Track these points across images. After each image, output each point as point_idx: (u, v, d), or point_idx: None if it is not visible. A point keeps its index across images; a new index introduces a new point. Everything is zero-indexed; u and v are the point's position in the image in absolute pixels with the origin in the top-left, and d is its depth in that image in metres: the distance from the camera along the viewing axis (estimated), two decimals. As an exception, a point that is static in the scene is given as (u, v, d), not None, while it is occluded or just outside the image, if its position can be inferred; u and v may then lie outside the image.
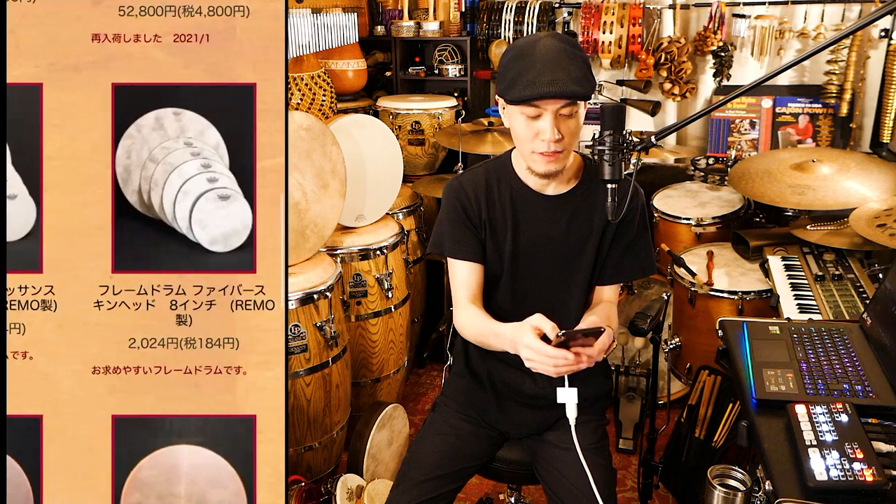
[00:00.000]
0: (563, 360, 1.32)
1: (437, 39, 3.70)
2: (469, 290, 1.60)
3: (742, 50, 3.18)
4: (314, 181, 2.35)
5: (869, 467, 1.06)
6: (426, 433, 1.68)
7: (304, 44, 2.71)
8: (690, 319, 2.52)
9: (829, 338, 1.50)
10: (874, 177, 2.37)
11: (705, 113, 2.07)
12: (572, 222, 1.58)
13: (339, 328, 2.32)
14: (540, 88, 1.37)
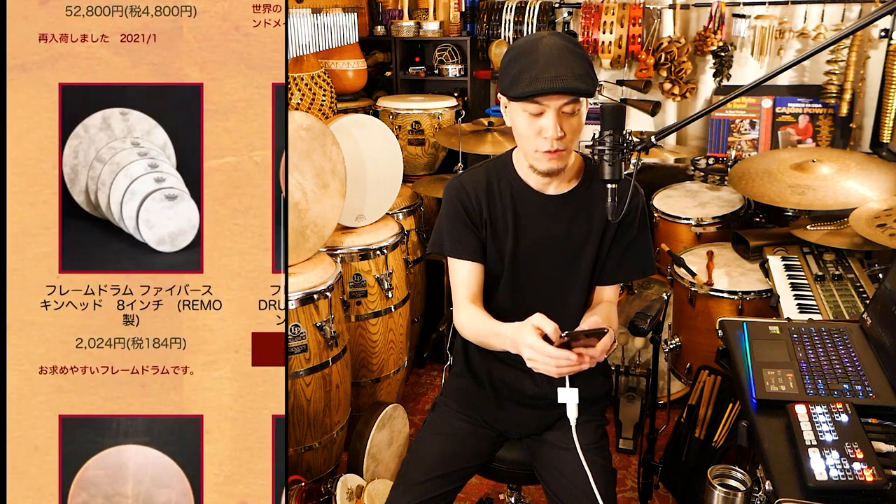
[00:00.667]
0: (566, 361, 1.32)
1: (437, 39, 3.70)
2: (469, 289, 1.60)
3: (742, 50, 3.18)
4: (314, 181, 2.35)
5: (869, 467, 1.06)
6: (426, 433, 1.68)
7: (304, 44, 2.71)
8: (690, 319, 2.52)
9: (829, 338, 1.50)
10: (874, 177, 2.37)
11: (705, 113, 2.07)
12: (573, 222, 1.58)
13: (339, 328, 2.32)
14: (543, 84, 1.37)
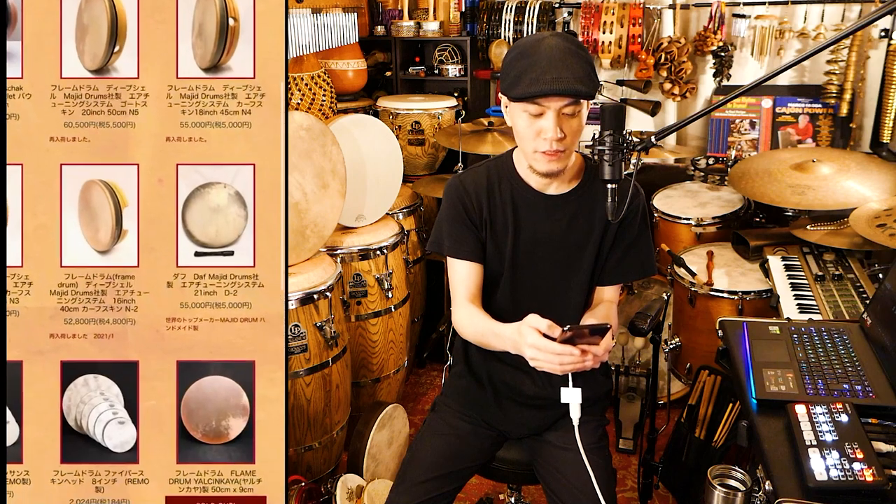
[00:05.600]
0: (570, 357, 1.32)
1: (437, 39, 3.71)
2: (468, 289, 1.60)
3: (742, 50, 3.18)
4: (314, 181, 2.35)
5: (869, 467, 1.06)
6: (426, 433, 1.68)
7: (304, 44, 2.71)
8: (690, 319, 2.52)
9: (829, 338, 1.50)
10: (874, 177, 2.37)
11: (705, 113, 2.07)
12: (573, 222, 1.58)
13: (339, 328, 2.32)
14: (544, 86, 1.37)
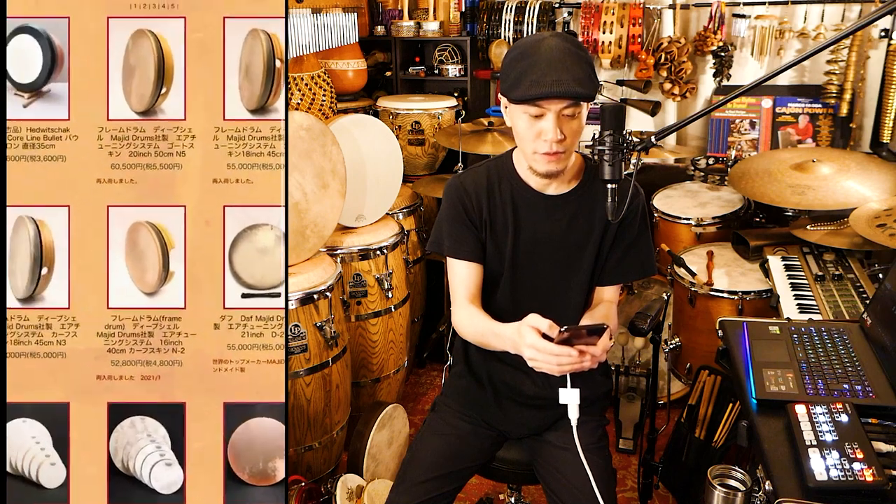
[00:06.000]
0: (568, 358, 1.32)
1: (437, 39, 3.70)
2: (468, 289, 1.60)
3: (742, 50, 3.18)
4: (314, 181, 2.35)
5: (869, 467, 1.06)
6: (426, 433, 1.68)
7: (304, 44, 2.71)
8: (690, 319, 2.52)
9: (829, 338, 1.50)
10: (874, 177, 2.37)
11: (705, 113, 2.07)
12: (573, 222, 1.58)
13: (339, 328, 2.32)
14: (543, 88, 1.37)
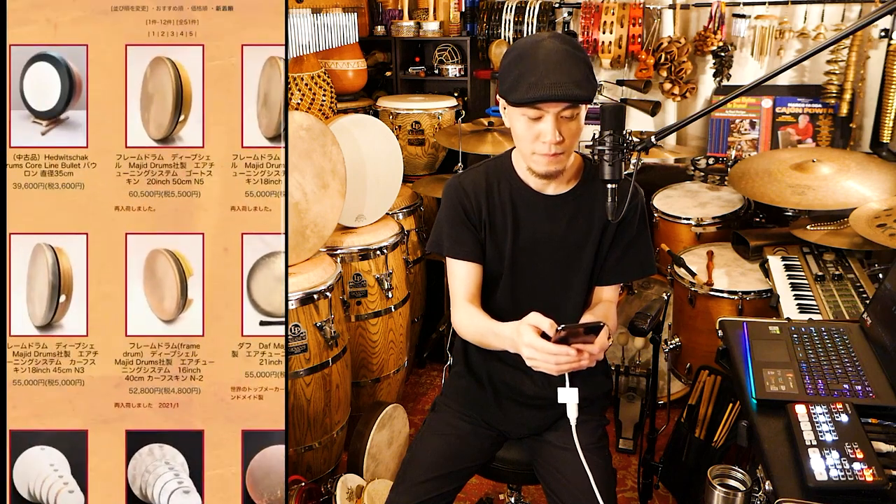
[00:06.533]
0: (566, 357, 1.32)
1: (437, 39, 3.70)
2: (467, 289, 1.60)
3: (742, 50, 3.18)
4: (314, 181, 2.35)
5: (869, 467, 1.06)
6: (426, 433, 1.68)
7: (304, 44, 2.71)
8: (690, 319, 2.52)
9: (829, 338, 1.50)
10: (874, 177, 2.37)
11: (705, 113, 2.07)
12: (572, 222, 1.58)
13: (339, 328, 2.32)
14: (542, 91, 1.37)
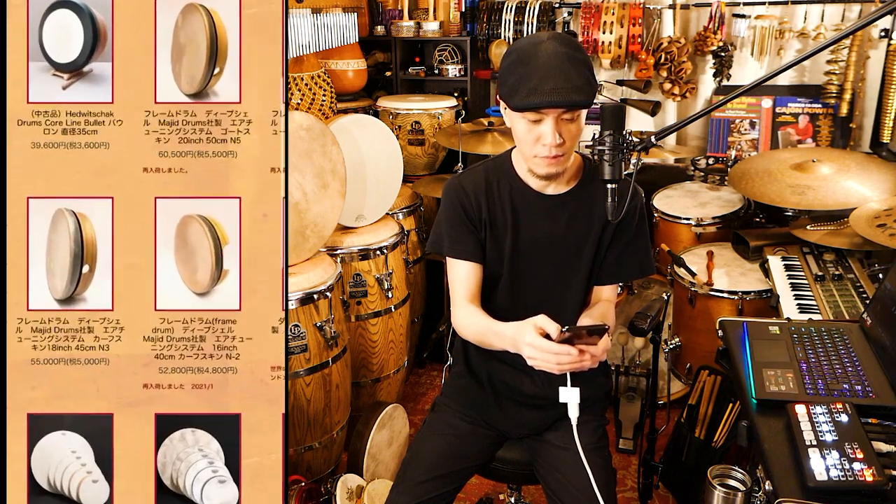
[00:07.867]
0: (568, 357, 1.32)
1: (437, 39, 3.70)
2: (467, 289, 1.60)
3: (742, 50, 3.18)
4: (314, 181, 2.35)
5: (869, 467, 1.06)
6: (426, 433, 1.68)
7: (304, 44, 2.71)
8: (690, 319, 2.52)
9: (829, 338, 1.50)
10: (874, 177, 2.37)
11: (705, 113, 2.07)
12: (572, 222, 1.58)
13: (339, 328, 2.32)
14: (541, 97, 1.36)
